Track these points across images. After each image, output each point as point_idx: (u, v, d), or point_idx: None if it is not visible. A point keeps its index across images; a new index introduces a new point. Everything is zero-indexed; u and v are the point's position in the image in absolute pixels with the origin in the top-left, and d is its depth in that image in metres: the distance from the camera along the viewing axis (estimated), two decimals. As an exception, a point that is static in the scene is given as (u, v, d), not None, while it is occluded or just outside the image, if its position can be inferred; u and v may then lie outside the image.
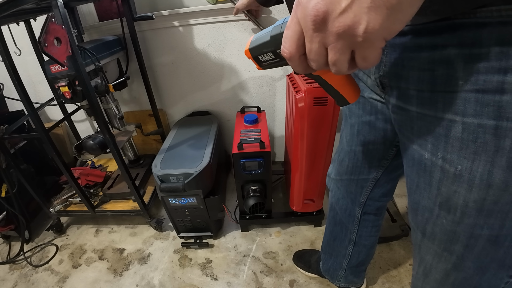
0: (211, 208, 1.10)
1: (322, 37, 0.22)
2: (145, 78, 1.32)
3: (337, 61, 0.23)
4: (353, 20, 0.20)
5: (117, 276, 1.13)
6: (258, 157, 1.01)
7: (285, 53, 0.26)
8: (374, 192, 0.66)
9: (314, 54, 0.24)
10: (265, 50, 0.31)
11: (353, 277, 0.90)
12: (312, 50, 0.24)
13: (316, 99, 0.83)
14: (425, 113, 0.35)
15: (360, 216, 0.72)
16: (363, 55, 0.23)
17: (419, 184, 0.40)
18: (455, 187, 0.34)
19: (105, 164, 1.60)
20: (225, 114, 1.56)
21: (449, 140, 0.33)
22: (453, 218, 0.36)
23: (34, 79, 1.50)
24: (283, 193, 1.44)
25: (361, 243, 0.78)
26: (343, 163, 0.66)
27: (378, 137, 0.55)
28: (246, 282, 1.06)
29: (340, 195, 0.73)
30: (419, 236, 0.45)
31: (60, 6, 0.75)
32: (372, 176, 0.63)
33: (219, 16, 1.22)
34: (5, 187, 1.19)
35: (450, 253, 0.39)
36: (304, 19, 0.22)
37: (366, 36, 0.21)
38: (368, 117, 0.54)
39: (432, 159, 0.36)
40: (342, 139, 0.66)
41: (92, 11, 1.29)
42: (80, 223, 1.42)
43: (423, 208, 0.41)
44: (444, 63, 0.30)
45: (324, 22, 0.21)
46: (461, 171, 0.32)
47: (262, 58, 0.33)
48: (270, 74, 1.39)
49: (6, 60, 0.87)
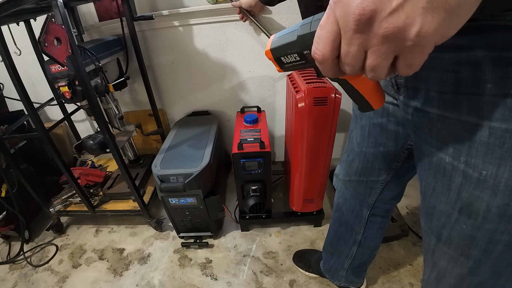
0: (211, 208, 1.10)
1: (364, 39, 0.20)
2: (145, 78, 1.32)
3: (377, 67, 0.21)
4: (405, 21, 0.18)
5: (117, 276, 1.13)
6: (258, 157, 1.01)
7: (317, 55, 0.24)
8: (383, 194, 0.65)
9: (351, 57, 0.22)
10: (290, 51, 0.29)
11: (354, 277, 0.90)
12: (349, 53, 0.22)
13: (316, 99, 0.83)
14: (447, 116, 0.33)
15: (368, 217, 0.71)
16: (409, 61, 0.20)
17: (436, 188, 0.39)
18: (478, 192, 0.33)
19: (105, 164, 1.60)
20: (225, 114, 1.56)
21: (473, 144, 0.31)
22: (473, 223, 0.35)
23: (34, 79, 1.50)
24: (283, 193, 1.44)
25: (366, 244, 0.77)
26: (353, 164, 0.65)
27: (389, 139, 0.54)
28: (246, 282, 1.06)
29: (348, 195, 0.72)
30: (433, 241, 0.44)
31: (60, 6, 0.75)
32: (382, 179, 0.62)
33: (219, 16, 1.22)
34: (5, 187, 1.19)
35: (467, 258, 0.39)
36: (345, 18, 0.20)
37: (417, 40, 0.19)
38: (379, 119, 0.53)
39: (453, 163, 0.35)
40: (351, 140, 0.65)
41: (92, 11, 1.29)
42: (80, 223, 1.42)
43: (440, 213, 0.40)
44: (470, 64, 0.29)
45: (370, 22, 0.19)
46: (485, 176, 0.32)
47: (285, 60, 0.30)
48: (270, 74, 1.39)
49: (6, 60, 0.87)
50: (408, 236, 1.17)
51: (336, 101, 0.84)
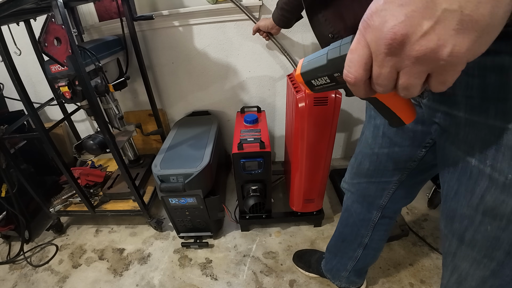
0: (211, 208, 1.10)
1: (397, 61, 0.21)
2: (145, 78, 1.32)
3: (410, 86, 0.22)
4: (437, 43, 0.19)
5: (117, 276, 1.13)
6: (258, 157, 1.01)
7: (350, 78, 0.25)
8: (396, 194, 0.64)
9: (384, 79, 0.23)
10: (320, 74, 0.30)
11: (355, 277, 0.90)
12: (381, 74, 0.22)
13: (316, 99, 0.83)
14: (474, 120, 0.33)
15: (378, 219, 0.70)
16: (442, 79, 0.21)
17: (458, 191, 0.39)
18: (503, 196, 0.33)
19: (105, 164, 1.60)
20: (225, 114, 1.56)
21: (500, 148, 0.32)
22: (498, 224, 0.35)
23: (34, 79, 1.50)
24: (283, 193, 1.44)
25: (371, 247, 0.77)
26: (362, 166, 0.64)
27: (406, 138, 0.53)
28: (246, 282, 1.06)
29: (355, 198, 0.72)
30: (454, 244, 0.43)
31: (60, 6, 0.75)
32: (395, 179, 0.61)
33: (219, 16, 1.22)
34: (5, 187, 1.19)
35: (490, 260, 0.39)
36: (377, 42, 0.21)
37: (449, 60, 0.19)
38: None
39: (479, 167, 0.35)
40: (361, 142, 0.63)
41: (92, 11, 1.29)
42: (80, 223, 1.42)
43: (462, 216, 0.40)
44: (497, 70, 0.29)
45: (402, 45, 0.20)
46: (511, 180, 0.32)
47: (315, 82, 0.32)
48: (270, 74, 1.39)
49: (6, 60, 0.87)
50: (408, 236, 1.17)
51: (336, 101, 0.84)
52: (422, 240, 1.15)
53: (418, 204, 1.33)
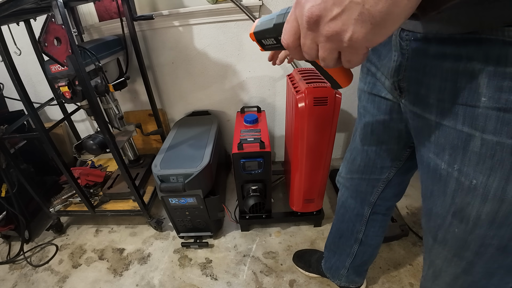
0: (211, 208, 1.10)
1: (314, 35, 0.25)
2: (145, 78, 1.32)
3: (325, 58, 0.26)
4: (341, 28, 0.22)
5: (117, 276, 1.13)
6: (258, 157, 1.01)
7: (284, 43, 0.29)
8: (385, 192, 0.66)
9: (307, 48, 0.27)
10: (268, 36, 0.34)
11: (354, 276, 0.90)
12: (305, 44, 0.27)
13: (316, 99, 0.83)
14: (444, 124, 0.35)
15: (369, 215, 0.72)
16: (348, 58, 0.25)
17: (433, 192, 0.41)
18: (469, 199, 0.35)
19: (105, 164, 1.60)
20: (225, 114, 1.56)
21: (466, 153, 0.33)
22: (465, 228, 0.37)
23: (34, 79, 1.50)
24: (283, 193, 1.44)
25: (367, 242, 0.78)
26: (355, 162, 0.66)
27: (392, 137, 0.55)
28: (246, 282, 1.06)
29: (349, 194, 0.73)
30: (430, 241, 0.46)
31: (60, 6, 0.75)
32: (384, 177, 0.63)
33: (219, 16, 1.22)
34: (5, 187, 1.19)
35: (460, 259, 0.41)
36: (300, 17, 0.25)
37: (350, 44, 0.23)
38: (383, 116, 0.53)
39: (448, 170, 0.36)
40: (355, 138, 0.65)
41: (92, 11, 1.29)
42: (80, 223, 1.42)
43: (436, 215, 0.42)
44: (468, 76, 0.30)
45: (317, 24, 0.24)
46: (476, 185, 0.33)
47: (265, 42, 0.35)
48: (270, 74, 1.39)
49: (6, 60, 0.87)
50: (408, 236, 1.17)
51: (336, 101, 0.84)
52: (422, 240, 1.15)
53: (418, 204, 1.33)
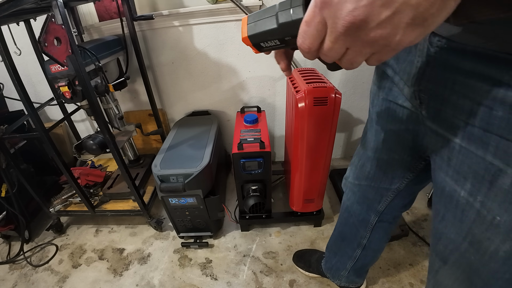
0: (211, 208, 1.10)
1: (349, 41, 0.22)
2: (145, 78, 1.32)
3: (355, 62, 0.24)
4: (389, 33, 0.20)
5: (117, 276, 1.13)
6: (258, 157, 1.01)
7: (305, 49, 0.25)
8: (394, 202, 0.62)
9: (333, 53, 0.24)
10: (271, 38, 0.28)
11: (355, 277, 0.90)
12: (332, 49, 0.23)
13: (316, 99, 0.83)
14: (471, 151, 0.32)
15: (375, 223, 0.69)
16: (381, 58, 0.23)
17: (445, 217, 0.38)
18: (489, 234, 0.32)
19: (105, 164, 1.60)
20: (225, 114, 1.56)
21: (493, 188, 0.30)
22: (480, 258, 0.35)
23: (34, 79, 1.50)
24: (283, 193, 1.44)
25: (370, 247, 0.76)
26: (364, 168, 0.62)
27: (407, 148, 0.50)
28: (246, 282, 1.06)
29: (356, 199, 0.70)
30: (437, 263, 0.43)
31: (60, 6, 0.75)
32: (394, 187, 0.59)
33: (219, 16, 1.22)
34: (5, 187, 1.19)
35: (470, 283, 0.39)
36: (334, 21, 0.21)
37: (395, 47, 0.21)
38: (397, 125, 0.49)
39: (468, 200, 0.33)
40: (364, 143, 0.61)
41: (92, 11, 1.29)
42: (80, 223, 1.42)
43: (448, 239, 0.39)
44: (507, 106, 0.27)
45: (358, 29, 0.20)
46: (499, 222, 0.31)
47: (264, 44, 0.30)
48: (270, 74, 1.39)
49: (6, 60, 0.87)
50: (408, 236, 1.17)
51: (336, 101, 0.84)
52: (422, 240, 1.15)
53: (418, 204, 1.33)
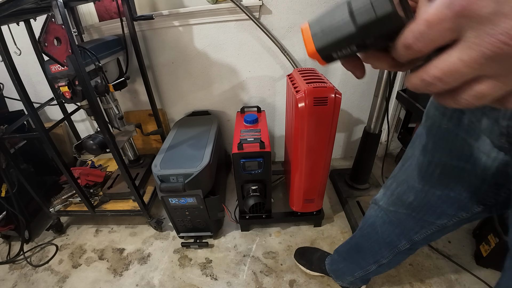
0: (211, 208, 1.10)
1: (492, 69, 0.16)
2: (145, 78, 1.32)
3: (487, 96, 0.17)
4: None
5: (117, 276, 1.13)
6: (258, 157, 1.01)
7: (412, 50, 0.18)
8: (434, 235, 0.56)
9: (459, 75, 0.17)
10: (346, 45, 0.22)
11: (360, 282, 0.90)
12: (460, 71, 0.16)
13: (316, 99, 0.83)
14: None
15: (404, 249, 0.64)
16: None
17: None
18: None
19: (105, 164, 1.60)
20: (225, 114, 1.56)
21: None
22: None
23: (34, 79, 1.50)
24: (283, 193, 1.44)
25: (387, 266, 0.73)
26: (405, 197, 0.55)
27: (467, 190, 0.44)
28: (246, 282, 1.06)
29: (388, 221, 0.63)
30: None
31: (60, 6, 0.75)
32: (440, 222, 0.52)
33: (219, 16, 1.22)
34: (5, 187, 1.19)
35: None
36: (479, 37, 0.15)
37: None
38: (461, 164, 0.42)
39: None
40: (407, 169, 0.53)
41: (92, 11, 1.29)
42: (80, 223, 1.42)
43: None
44: None
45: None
46: None
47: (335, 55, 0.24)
48: (270, 74, 1.39)
49: (6, 60, 0.87)
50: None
51: (336, 101, 0.84)
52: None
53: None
